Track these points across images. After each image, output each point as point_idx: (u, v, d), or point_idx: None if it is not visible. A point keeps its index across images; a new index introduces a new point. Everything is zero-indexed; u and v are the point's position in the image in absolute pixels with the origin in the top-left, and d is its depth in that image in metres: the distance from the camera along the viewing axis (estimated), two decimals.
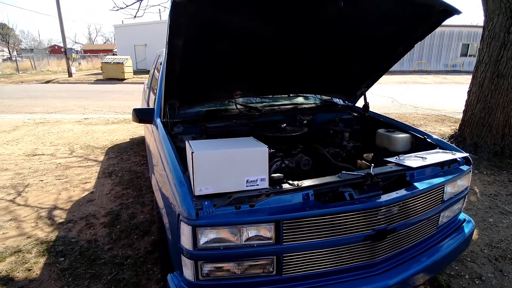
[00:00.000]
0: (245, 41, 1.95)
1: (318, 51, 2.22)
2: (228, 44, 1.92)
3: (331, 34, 2.06)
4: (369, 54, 2.33)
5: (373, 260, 1.55)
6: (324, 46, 2.17)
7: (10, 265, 2.38)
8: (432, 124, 6.96)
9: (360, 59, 2.38)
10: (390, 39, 2.20)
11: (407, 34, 2.18)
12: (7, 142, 5.74)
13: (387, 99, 10.67)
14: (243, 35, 1.89)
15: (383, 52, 2.34)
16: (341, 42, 2.16)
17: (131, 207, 3.26)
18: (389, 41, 2.22)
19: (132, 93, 12.35)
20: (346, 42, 2.17)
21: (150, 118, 2.42)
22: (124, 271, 2.31)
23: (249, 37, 1.93)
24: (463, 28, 24.33)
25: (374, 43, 2.21)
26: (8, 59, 32.00)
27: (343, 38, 2.12)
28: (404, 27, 2.11)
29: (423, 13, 2.00)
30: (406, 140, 2.22)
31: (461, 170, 1.85)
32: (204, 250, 1.34)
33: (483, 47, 4.66)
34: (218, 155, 1.38)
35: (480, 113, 4.72)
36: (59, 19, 18.60)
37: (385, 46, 2.27)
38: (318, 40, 2.09)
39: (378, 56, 2.37)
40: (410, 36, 2.18)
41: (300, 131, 2.33)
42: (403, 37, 2.20)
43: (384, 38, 2.17)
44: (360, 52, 2.30)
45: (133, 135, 6.18)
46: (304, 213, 1.37)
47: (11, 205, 3.34)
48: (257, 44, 2.01)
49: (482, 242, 2.68)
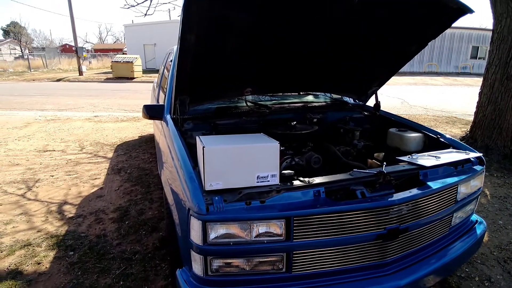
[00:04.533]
0: (257, 38, 1.94)
1: (329, 49, 2.20)
2: (239, 41, 1.91)
3: (343, 32, 2.05)
4: (381, 52, 2.31)
5: (384, 260, 1.53)
6: (336, 44, 2.15)
7: (19, 259, 2.41)
8: (443, 125, 6.86)
9: (372, 57, 2.35)
10: (403, 37, 2.17)
11: (420, 33, 2.15)
12: (19, 138, 5.83)
13: (397, 100, 10.55)
14: (254, 32, 1.88)
15: (396, 51, 2.31)
16: (353, 40, 2.14)
17: (140, 203, 3.28)
18: (402, 39, 2.19)
19: (141, 91, 12.45)
20: (358, 40, 2.15)
21: (160, 114, 2.43)
22: (132, 266, 2.32)
23: (261, 34, 1.92)
24: (472, 30, 24.05)
25: (387, 41, 2.19)
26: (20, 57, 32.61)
27: (355, 36, 2.10)
28: (418, 25, 2.08)
29: (437, 11, 1.97)
30: (418, 139, 2.19)
31: (474, 170, 1.82)
32: (214, 245, 1.33)
33: (493, 49, 4.63)
34: (229, 151, 1.38)
35: (491, 115, 4.65)
36: (71, 19, 18.87)
37: (398, 44, 2.24)
38: (330, 38, 2.08)
39: (390, 54, 2.34)
40: (423, 34, 2.15)
41: (311, 129, 2.31)
42: (416, 36, 2.17)
43: (397, 36, 2.14)
44: (372, 50, 2.27)
45: (142, 133, 6.23)
46: (315, 210, 1.36)
47: (22, 200, 3.39)
48: (268, 42, 2.00)
49: (492, 244, 2.63)
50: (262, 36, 1.94)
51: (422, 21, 2.06)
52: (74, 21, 18.97)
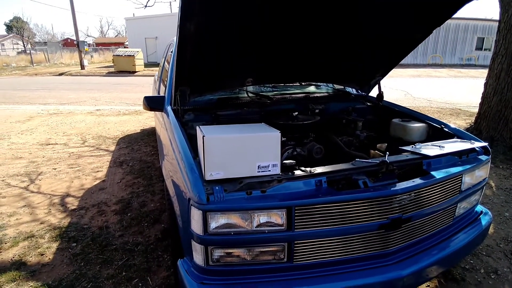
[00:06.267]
0: (257, 26, 1.90)
1: (331, 37, 2.15)
2: (240, 30, 1.88)
3: (346, 19, 2.00)
4: (385, 40, 2.26)
5: (387, 250, 1.51)
6: (338, 31, 2.10)
7: (23, 250, 2.43)
8: (447, 117, 6.80)
9: (375, 46, 2.30)
10: (406, 24, 2.11)
11: (425, 19, 2.09)
12: (22, 132, 5.85)
13: (400, 93, 10.46)
14: (255, 20, 1.84)
15: (399, 39, 2.26)
16: (356, 28, 2.09)
17: (142, 195, 3.28)
18: (406, 27, 2.14)
19: (143, 85, 12.43)
20: (362, 27, 2.10)
21: (161, 105, 2.41)
22: (134, 257, 2.33)
23: (262, 22, 1.88)
24: (478, 21, 23.67)
25: (391, 29, 2.14)
26: (23, 52, 32.59)
27: (358, 23, 2.05)
28: (422, 11, 2.02)
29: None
30: (422, 129, 2.16)
31: (479, 160, 1.78)
32: (215, 235, 1.32)
33: (499, 39, 4.56)
34: (229, 140, 1.36)
35: (496, 106, 4.59)
36: (72, 12, 18.78)
37: (402, 32, 2.19)
38: (332, 25, 2.03)
39: (394, 43, 2.29)
40: (428, 21, 2.09)
41: (312, 120, 2.29)
42: (421, 22, 2.11)
43: (401, 23, 2.09)
44: (375, 38, 2.22)
45: (144, 126, 6.22)
46: (317, 200, 1.34)
47: (25, 192, 3.40)
48: (270, 30, 1.96)
49: (498, 236, 2.61)
50: (263, 24, 1.90)
51: (426, 7, 2.01)
52: (75, 15, 18.89)
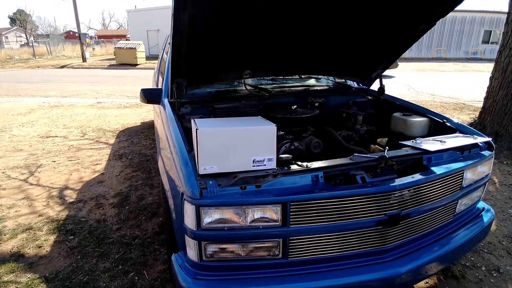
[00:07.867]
0: (254, 16, 1.85)
1: (332, 29, 2.09)
2: (236, 19, 1.82)
3: (346, 10, 1.94)
4: (388, 32, 2.19)
5: (385, 246, 1.48)
6: (338, 23, 2.04)
7: (21, 242, 2.43)
8: (450, 112, 6.71)
9: (378, 37, 2.24)
10: (411, 15, 2.05)
11: (429, 9, 2.02)
12: (23, 124, 5.84)
13: (403, 87, 10.33)
14: (252, 9, 1.79)
15: (402, 30, 2.20)
16: (357, 19, 2.03)
17: (140, 189, 3.27)
18: (410, 17, 2.07)
19: (144, 78, 12.36)
20: (363, 18, 2.03)
21: (158, 98, 2.37)
22: (131, 250, 2.31)
23: (259, 12, 1.83)
24: (485, 13, 23.22)
25: (394, 20, 2.07)
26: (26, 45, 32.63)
27: (360, 13, 1.99)
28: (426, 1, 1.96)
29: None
30: (423, 124, 2.11)
31: (482, 156, 1.74)
32: (208, 231, 1.30)
33: (508, 31, 4.45)
34: (223, 133, 1.33)
35: (502, 100, 4.50)
36: (74, 5, 18.68)
37: (406, 22, 2.12)
38: (332, 16, 1.97)
39: (396, 34, 2.23)
40: (433, 11, 2.02)
41: (311, 113, 2.24)
42: (425, 12, 2.04)
43: (405, 13, 2.03)
44: (377, 29, 2.16)
45: (144, 119, 6.19)
46: (313, 195, 1.31)
47: (24, 184, 3.40)
48: (267, 20, 1.91)
49: (500, 233, 2.57)
50: (260, 14, 1.85)
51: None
52: (77, 7, 18.79)
